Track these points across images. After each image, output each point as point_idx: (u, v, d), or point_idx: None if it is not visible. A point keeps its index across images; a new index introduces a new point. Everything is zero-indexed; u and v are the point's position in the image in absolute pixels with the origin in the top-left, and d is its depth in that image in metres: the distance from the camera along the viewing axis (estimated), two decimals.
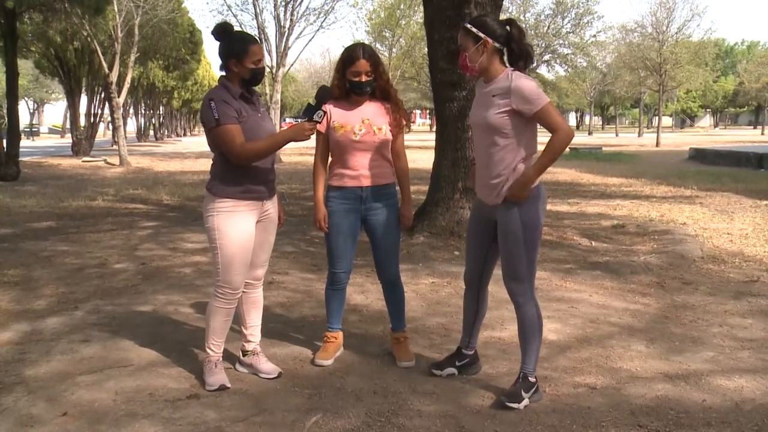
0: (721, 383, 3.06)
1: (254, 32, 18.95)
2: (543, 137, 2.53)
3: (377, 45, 28.07)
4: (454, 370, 3.16)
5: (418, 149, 23.39)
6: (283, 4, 19.50)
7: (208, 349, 3.05)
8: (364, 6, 31.19)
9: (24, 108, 57.07)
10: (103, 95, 24.73)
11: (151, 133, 44.84)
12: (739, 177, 13.31)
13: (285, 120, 43.52)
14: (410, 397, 2.92)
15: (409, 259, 5.51)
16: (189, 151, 27.47)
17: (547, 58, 29.88)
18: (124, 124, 21.55)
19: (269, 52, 19.58)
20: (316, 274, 5.19)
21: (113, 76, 18.57)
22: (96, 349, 3.49)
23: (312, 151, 3.64)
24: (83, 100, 24.87)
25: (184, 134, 57.59)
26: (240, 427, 2.64)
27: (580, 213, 8.57)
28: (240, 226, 2.89)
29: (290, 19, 19.59)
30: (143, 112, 43.57)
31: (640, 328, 3.90)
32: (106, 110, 27.16)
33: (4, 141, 13.84)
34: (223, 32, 2.85)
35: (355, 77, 3.05)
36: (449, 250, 5.88)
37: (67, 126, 40.01)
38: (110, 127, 34.90)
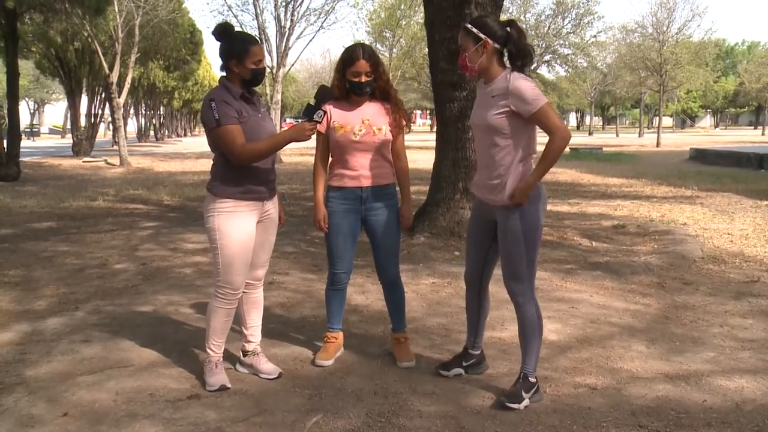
0: (722, 384, 3.06)
1: (255, 33, 18.96)
2: (543, 137, 2.53)
3: (378, 45, 28.07)
4: (461, 371, 3.16)
5: (419, 149, 23.38)
6: (284, 5, 19.53)
7: (209, 350, 3.06)
8: (364, 6, 31.21)
9: (24, 108, 57.08)
10: (103, 95, 24.75)
11: (152, 133, 44.88)
12: (740, 177, 13.31)
13: (285, 120, 43.57)
14: (411, 397, 2.92)
15: (410, 260, 5.51)
16: (189, 152, 27.47)
17: (547, 58, 29.85)
18: (125, 124, 21.56)
19: (270, 53, 19.60)
20: (317, 274, 5.19)
21: (114, 77, 18.58)
22: (96, 350, 3.49)
23: (312, 152, 3.65)
24: (84, 100, 24.89)
25: (185, 134, 57.64)
26: (240, 427, 2.64)
27: (581, 213, 8.57)
28: (240, 227, 2.89)
29: (291, 20, 19.63)
30: (144, 112, 43.61)
31: (641, 328, 3.90)
32: (107, 110, 27.18)
33: (5, 141, 13.85)
34: (224, 32, 2.86)
35: (355, 77, 3.05)
36: (450, 251, 5.88)
37: (68, 126, 40.02)
38: (111, 127, 34.90)
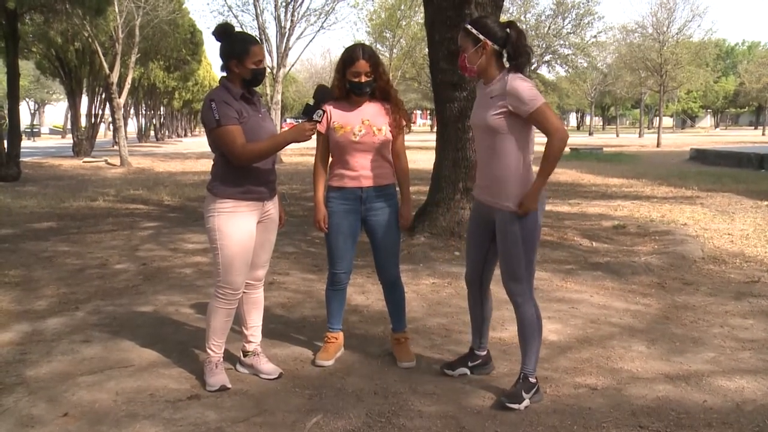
0: (722, 384, 3.06)
1: (255, 33, 18.98)
2: (542, 137, 2.53)
3: (378, 45, 28.07)
4: (467, 371, 3.16)
5: (419, 150, 23.37)
6: (284, 5, 19.55)
7: (209, 350, 3.05)
8: (364, 7, 31.12)
9: (25, 109, 57.10)
10: (103, 96, 24.74)
11: (152, 133, 44.88)
12: (740, 177, 13.31)
13: (286, 121, 43.54)
14: (411, 397, 2.92)
15: (410, 260, 5.51)
16: (190, 152, 27.48)
17: (547, 58, 29.85)
18: (125, 124, 21.57)
19: (270, 53, 19.62)
20: (317, 274, 5.19)
21: (114, 77, 18.59)
22: (97, 350, 3.49)
23: (312, 152, 3.65)
24: (84, 100, 24.88)
25: (185, 135, 57.62)
26: (241, 427, 2.64)
27: (581, 213, 8.57)
28: (241, 227, 2.89)
29: (291, 20, 19.66)
30: (144, 112, 43.62)
31: (641, 328, 3.90)
32: (107, 111, 27.17)
33: (5, 141, 13.86)
34: (224, 33, 2.86)
35: (355, 78, 3.05)
36: (450, 251, 5.88)
37: (68, 126, 39.96)
38: (111, 127, 34.88)
